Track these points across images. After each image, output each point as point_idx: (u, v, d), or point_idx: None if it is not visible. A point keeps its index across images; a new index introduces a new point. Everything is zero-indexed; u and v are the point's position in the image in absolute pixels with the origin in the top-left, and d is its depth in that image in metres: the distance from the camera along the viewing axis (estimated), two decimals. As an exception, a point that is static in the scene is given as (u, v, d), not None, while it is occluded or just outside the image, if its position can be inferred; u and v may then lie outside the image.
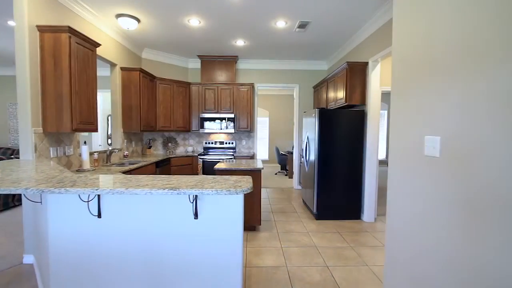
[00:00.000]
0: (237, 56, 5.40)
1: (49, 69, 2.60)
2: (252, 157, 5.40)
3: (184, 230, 1.59)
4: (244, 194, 1.47)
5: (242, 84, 5.36)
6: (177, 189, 1.39)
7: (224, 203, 1.57)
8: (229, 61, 5.46)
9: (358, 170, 3.83)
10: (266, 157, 9.83)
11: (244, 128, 5.43)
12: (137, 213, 1.60)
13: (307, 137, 4.32)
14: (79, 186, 1.42)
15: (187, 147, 5.63)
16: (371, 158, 3.74)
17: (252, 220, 3.33)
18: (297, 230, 3.42)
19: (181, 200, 1.57)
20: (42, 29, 2.56)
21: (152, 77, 4.68)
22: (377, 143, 3.74)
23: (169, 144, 5.46)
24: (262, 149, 9.84)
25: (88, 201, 1.57)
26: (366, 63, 3.76)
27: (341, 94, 4.03)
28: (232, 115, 5.33)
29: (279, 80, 5.82)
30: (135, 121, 4.25)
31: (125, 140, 4.32)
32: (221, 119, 5.33)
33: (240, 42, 4.57)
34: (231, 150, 5.69)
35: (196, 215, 1.54)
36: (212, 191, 1.38)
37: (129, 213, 1.60)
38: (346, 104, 3.86)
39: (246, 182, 1.56)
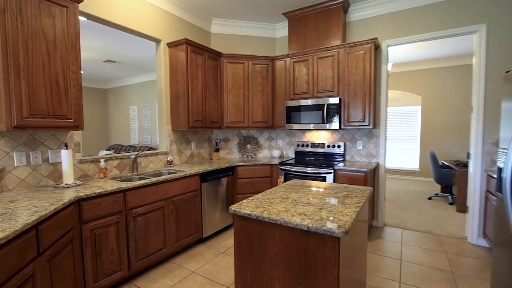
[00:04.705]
0: (345, -3, 3.14)
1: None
2: (372, 171, 2.99)
3: None
4: None
5: (354, 44, 3.06)
6: None
7: None
8: (331, 9, 3.28)
9: None
10: (415, 166, 6.46)
11: (359, 121, 3.10)
12: None
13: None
14: None
15: (273, 150, 3.98)
16: None
17: None
18: None
19: None
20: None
21: (215, 54, 3.38)
22: None
23: (248, 146, 4.02)
24: (408, 156, 6.54)
25: None
26: None
27: None
28: (335, 100, 3.15)
29: (436, 24, 2.97)
30: (182, 115, 3.08)
31: (173, 141, 3.25)
32: (318, 107, 3.27)
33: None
34: (337, 158, 3.49)
35: None
36: None
37: None
38: None
39: None
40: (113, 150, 6.76)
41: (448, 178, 4.46)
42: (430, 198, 4.67)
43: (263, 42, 4.02)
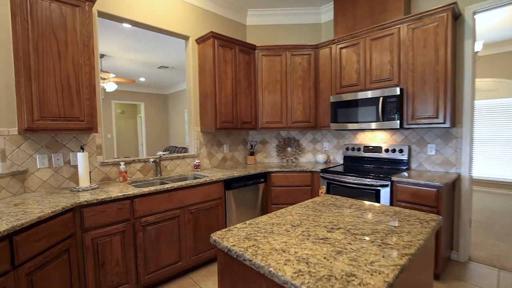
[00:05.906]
0: (408, -44, 2.41)
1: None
2: (450, 185, 2.18)
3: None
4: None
5: (422, 15, 2.31)
6: None
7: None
8: (390, -25, 2.58)
9: None
10: (520, 177, 4.86)
11: (429, 117, 2.33)
12: None
13: None
14: None
15: (317, 154, 3.43)
16: None
17: None
18: None
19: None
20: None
21: (247, 47, 3.05)
22: None
23: (288, 149, 3.56)
24: (510, 164, 4.97)
25: None
26: None
27: None
28: (394, 91, 2.45)
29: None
30: (210, 115, 2.85)
31: (203, 143, 3.04)
32: (371, 101, 2.61)
33: None
34: (399, 166, 2.74)
35: None
36: None
37: None
38: None
39: None
40: (168, 151, 7.15)
41: None
42: (547, 224, 3.34)
43: (307, 30, 3.51)
